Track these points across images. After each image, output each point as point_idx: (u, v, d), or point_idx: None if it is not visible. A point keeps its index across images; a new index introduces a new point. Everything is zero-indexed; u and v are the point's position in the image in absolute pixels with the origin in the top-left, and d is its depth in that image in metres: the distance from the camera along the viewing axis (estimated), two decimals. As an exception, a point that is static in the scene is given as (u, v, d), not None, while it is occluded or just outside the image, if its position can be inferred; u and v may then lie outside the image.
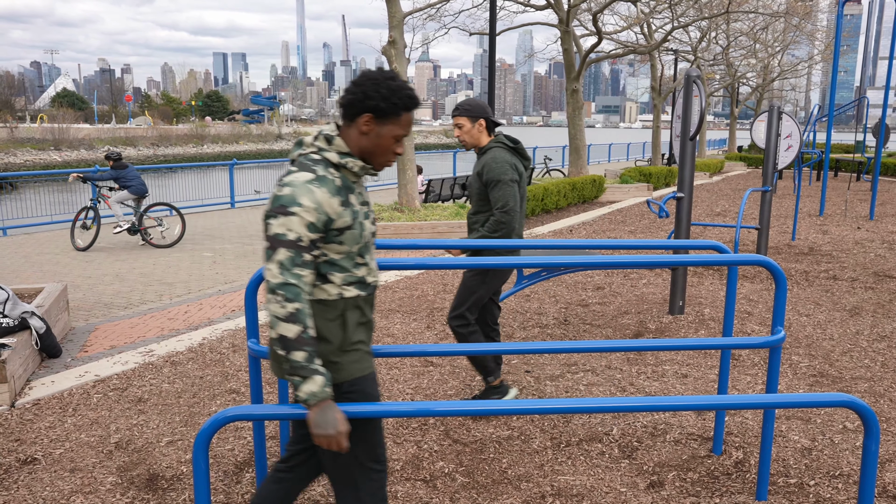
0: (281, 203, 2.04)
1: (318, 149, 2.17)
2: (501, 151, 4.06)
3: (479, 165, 4.07)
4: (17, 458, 3.75)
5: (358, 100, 2.11)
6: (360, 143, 2.17)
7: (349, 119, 2.16)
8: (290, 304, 2.01)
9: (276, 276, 2.02)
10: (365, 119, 2.13)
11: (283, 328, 2.00)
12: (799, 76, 40.11)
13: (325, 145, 2.17)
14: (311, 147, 2.18)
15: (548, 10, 17.95)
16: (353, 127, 2.16)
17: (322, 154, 2.16)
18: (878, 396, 4.66)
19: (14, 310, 5.07)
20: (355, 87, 2.12)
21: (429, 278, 8.15)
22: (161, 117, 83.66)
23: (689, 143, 6.37)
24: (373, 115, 2.13)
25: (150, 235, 10.74)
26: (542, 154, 25.66)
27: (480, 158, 4.12)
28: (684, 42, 27.72)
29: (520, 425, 4.17)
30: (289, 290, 2.01)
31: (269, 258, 2.04)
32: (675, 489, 3.45)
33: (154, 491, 3.42)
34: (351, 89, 2.13)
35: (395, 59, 12.01)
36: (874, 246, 10.49)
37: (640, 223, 12.90)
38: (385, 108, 2.11)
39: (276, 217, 2.04)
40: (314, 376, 2.02)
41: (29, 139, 44.28)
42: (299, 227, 2.03)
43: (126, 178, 10.67)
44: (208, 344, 5.68)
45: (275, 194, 2.08)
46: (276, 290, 2.01)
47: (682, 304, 6.59)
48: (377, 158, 2.21)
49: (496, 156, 4.02)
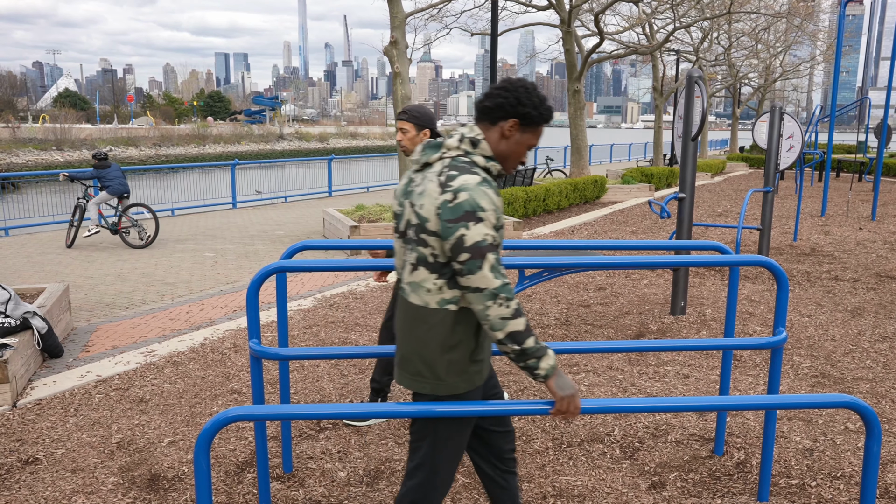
0: (465, 210, 2.05)
1: (466, 152, 2.20)
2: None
3: None
4: (18, 458, 3.75)
5: (509, 104, 2.16)
6: (498, 146, 2.22)
7: (492, 122, 2.20)
8: (511, 302, 2.08)
9: (493, 282, 2.06)
10: (511, 124, 2.18)
11: (513, 325, 2.08)
12: (801, 76, 40.09)
13: (471, 148, 2.20)
14: (456, 150, 2.20)
15: (549, 10, 17.96)
16: (495, 130, 2.21)
17: (469, 157, 2.20)
18: (880, 397, 4.66)
19: (16, 310, 5.07)
20: (506, 93, 2.17)
21: (430, 279, 8.14)
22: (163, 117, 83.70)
23: (691, 143, 6.36)
24: (519, 122, 2.19)
25: (128, 234, 10.76)
26: (544, 154, 25.66)
27: None
28: (686, 42, 27.72)
29: (521, 426, 4.17)
30: (506, 290, 2.08)
31: (477, 268, 2.05)
32: (677, 490, 3.45)
33: (155, 491, 3.43)
34: (500, 94, 2.18)
35: (397, 60, 12.01)
36: (876, 247, 10.48)
37: (642, 224, 12.90)
38: (534, 116, 2.18)
39: (467, 226, 2.05)
40: (546, 353, 2.14)
41: (31, 139, 44.32)
42: (490, 230, 2.08)
43: (105, 178, 10.60)
44: (210, 344, 5.69)
45: (449, 204, 2.07)
46: (498, 293, 2.07)
47: (684, 305, 6.58)
48: (509, 163, 2.26)
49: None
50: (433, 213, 2.10)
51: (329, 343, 5.72)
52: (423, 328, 2.19)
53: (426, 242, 2.14)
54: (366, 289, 7.61)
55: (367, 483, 3.51)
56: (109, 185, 10.61)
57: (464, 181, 2.07)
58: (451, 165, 2.14)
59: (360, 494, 3.40)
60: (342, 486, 3.48)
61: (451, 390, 2.23)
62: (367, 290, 7.56)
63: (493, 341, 2.15)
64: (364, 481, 3.53)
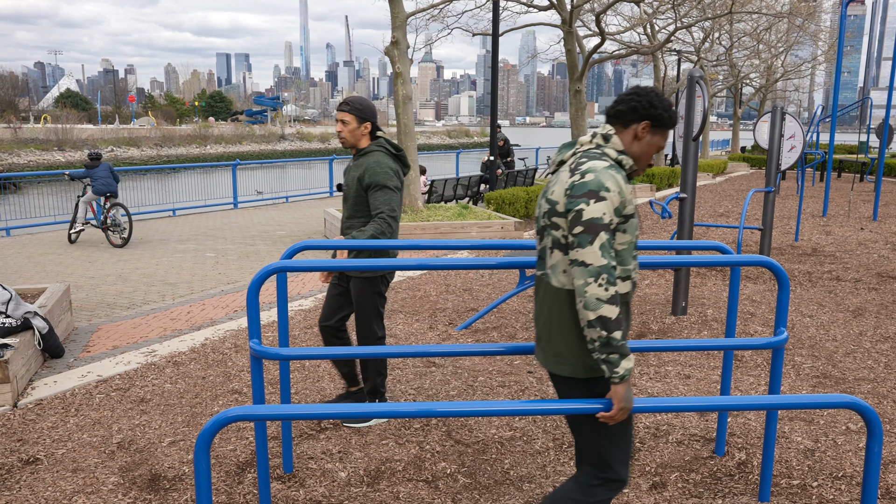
0: (589, 188, 2.15)
1: (598, 145, 2.33)
2: (385, 157, 3.91)
3: (360, 169, 3.89)
4: (19, 458, 3.75)
5: (643, 107, 2.30)
6: (631, 147, 2.35)
7: (624, 124, 2.33)
8: (611, 286, 2.11)
9: (599, 259, 2.11)
10: (643, 126, 2.31)
11: (606, 310, 2.10)
12: (802, 77, 40.04)
13: (603, 142, 2.33)
14: (590, 144, 2.34)
15: (551, 10, 17.95)
16: (628, 132, 2.34)
17: (601, 149, 2.32)
18: (882, 398, 4.65)
19: (17, 310, 5.07)
20: (638, 97, 2.31)
21: (431, 279, 8.15)
22: (164, 118, 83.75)
23: (692, 143, 6.36)
24: (651, 124, 2.32)
25: (111, 233, 10.88)
26: (546, 155, 25.64)
27: (359, 161, 3.94)
28: (687, 43, 27.70)
29: (522, 426, 4.17)
30: (611, 272, 2.11)
31: (587, 242, 2.11)
32: (678, 490, 3.44)
33: (156, 491, 3.43)
34: (633, 98, 2.31)
35: (399, 60, 12.01)
36: (878, 247, 10.47)
37: (643, 224, 12.89)
38: (665, 118, 2.32)
39: (587, 202, 2.13)
40: (629, 355, 2.16)
41: (32, 140, 44.32)
42: (610, 211, 2.14)
43: (93, 178, 10.87)
44: (211, 344, 5.69)
45: (576, 182, 2.19)
46: (601, 272, 2.10)
47: (685, 305, 6.58)
48: (640, 163, 2.38)
49: (380, 160, 3.86)
50: (562, 194, 2.23)
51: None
52: (564, 309, 2.27)
53: (557, 225, 2.26)
54: (367, 289, 7.60)
55: (368, 483, 3.51)
56: (94, 185, 10.87)
57: (592, 165, 2.21)
58: (582, 156, 2.30)
59: (360, 495, 3.40)
60: (343, 486, 3.48)
61: (591, 373, 2.29)
62: (368, 290, 7.56)
63: (583, 322, 2.15)
64: (365, 481, 3.53)
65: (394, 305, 6.91)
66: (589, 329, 2.12)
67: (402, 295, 7.34)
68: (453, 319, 6.42)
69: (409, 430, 4.12)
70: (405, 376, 4.99)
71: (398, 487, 3.46)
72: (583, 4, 17.00)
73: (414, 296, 7.30)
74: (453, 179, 14.97)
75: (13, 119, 64.17)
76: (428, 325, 6.24)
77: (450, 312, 6.66)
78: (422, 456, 3.79)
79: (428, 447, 3.89)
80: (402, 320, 6.39)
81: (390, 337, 5.89)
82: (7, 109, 73.85)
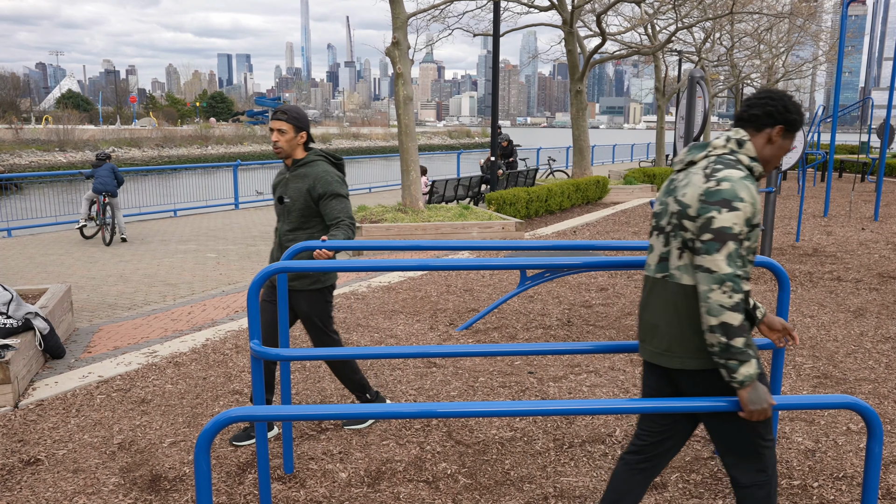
0: (723, 197, 2.20)
1: (732, 150, 2.36)
2: (329, 166, 3.87)
3: (308, 180, 3.79)
4: (20, 458, 3.76)
5: (778, 112, 2.33)
6: (763, 151, 2.38)
7: (757, 128, 2.37)
8: (735, 294, 2.17)
9: (724, 268, 2.17)
10: (778, 130, 2.35)
11: (729, 317, 2.16)
12: (803, 77, 40.00)
13: (737, 148, 2.36)
14: (724, 149, 2.36)
15: (552, 11, 17.96)
16: (761, 136, 2.37)
17: (735, 155, 2.35)
18: (882, 398, 4.65)
19: (18, 311, 5.08)
20: (773, 101, 2.34)
21: (432, 279, 8.15)
22: (165, 118, 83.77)
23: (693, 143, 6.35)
24: (784, 128, 2.35)
25: (105, 230, 11.15)
26: (546, 155, 25.62)
27: (300, 171, 3.84)
28: (688, 43, 27.69)
29: (523, 426, 4.17)
30: (736, 281, 2.17)
31: (714, 250, 2.18)
32: (679, 491, 3.44)
33: (157, 492, 3.43)
34: (768, 102, 2.34)
35: (399, 61, 12.02)
36: (878, 247, 10.46)
37: (644, 224, 12.89)
38: (798, 123, 2.37)
39: (720, 211, 2.19)
40: (751, 360, 2.20)
41: (34, 140, 44.34)
42: (741, 222, 2.19)
43: (94, 177, 11.41)
44: (211, 345, 5.69)
45: (711, 189, 2.23)
46: (725, 280, 2.17)
47: (686, 306, 6.57)
48: (769, 166, 2.41)
49: (328, 169, 3.82)
50: (695, 199, 2.26)
51: (331, 344, 5.71)
52: (696, 306, 2.32)
53: (686, 227, 2.30)
54: (367, 289, 7.61)
55: (369, 484, 3.51)
56: (94, 184, 11.38)
57: (728, 173, 2.24)
58: (717, 161, 2.32)
59: (361, 495, 3.40)
60: (343, 486, 3.48)
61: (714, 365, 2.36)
62: (368, 290, 7.57)
63: (704, 326, 2.22)
64: (365, 482, 3.53)
65: (395, 306, 6.91)
66: (710, 334, 2.20)
67: (402, 295, 7.34)
68: (454, 320, 6.42)
69: (409, 430, 4.12)
70: (406, 377, 4.99)
71: (399, 488, 3.47)
72: (583, 5, 17.01)
73: (415, 296, 7.30)
74: (454, 180, 14.98)
75: (15, 120, 64.23)
76: (429, 326, 6.24)
77: (450, 313, 6.66)
78: (422, 456, 3.79)
79: (428, 448, 3.89)
80: (402, 321, 6.39)
81: (390, 337, 5.89)
82: (8, 110, 73.92)
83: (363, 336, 5.92)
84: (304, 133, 3.85)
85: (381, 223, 10.92)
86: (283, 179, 3.94)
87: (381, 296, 7.33)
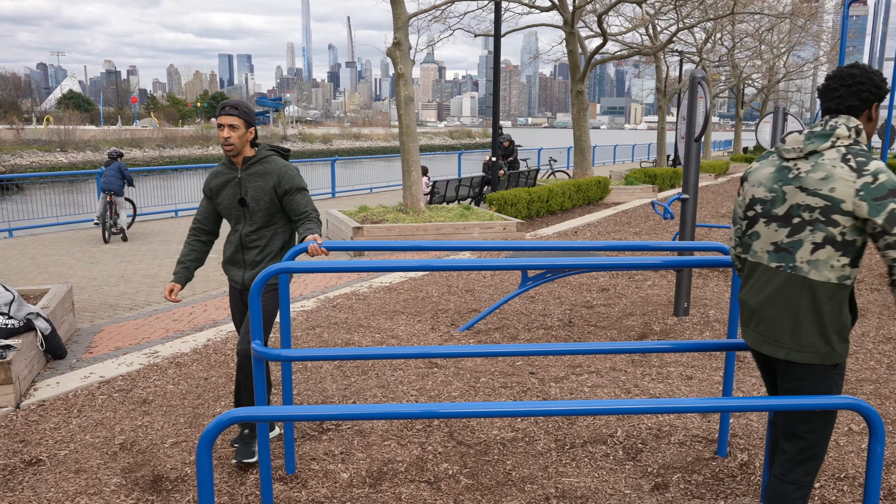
0: (889, 188, 2.29)
1: (855, 140, 2.42)
2: (283, 160, 3.78)
3: (271, 177, 3.68)
4: (21, 459, 3.76)
5: (872, 93, 2.41)
6: (867, 129, 2.49)
7: (859, 111, 2.44)
8: None
9: None
10: (875, 107, 2.45)
11: None
12: (804, 77, 40.02)
13: (857, 137, 2.43)
14: (849, 139, 2.41)
15: (553, 11, 17.96)
16: (863, 116, 2.46)
17: (859, 144, 2.43)
18: (884, 398, 4.64)
19: (19, 311, 5.08)
20: (863, 85, 2.40)
21: (433, 280, 8.15)
22: (166, 119, 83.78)
23: (694, 144, 6.35)
24: (877, 104, 2.46)
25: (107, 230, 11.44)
26: (547, 155, 25.62)
27: (255, 169, 3.70)
28: (689, 43, 27.69)
29: (524, 427, 4.17)
30: None
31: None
32: (680, 491, 3.44)
33: (158, 492, 3.43)
34: (860, 88, 2.40)
35: (400, 61, 12.02)
36: (880, 247, 10.45)
37: (645, 225, 12.88)
38: (884, 94, 2.45)
39: (895, 201, 2.28)
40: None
41: (35, 141, 44.37)
42: None
43: (102, 176, 11.73)
44: (213, 345, 5.69)
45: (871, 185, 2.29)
46: None
47: (687, 306, 6.57)
48: (869, 139, 2.53)
49: (286, 164, 3.74)
50: (851, 195, 2.31)
51: (332, 344, 5.72)
52: (823, 302, 2.38)
53: (837, 223, 2.34)
54: (369, 290, 7.61)
55: (370, 484, 3.51)
56: (100, 182, 11.74)
57: (877, 165, 2.32)
58: (854, 152, 2.37)
59: (362, 496, 3.40)
60: (345, 487, 3.49)
61: (838, 359, 2.44)
62: (369, 290, 7.57)
63: None
64: (367, 482, 3.53)
65: (396, 306, 6.92)
66: None
67: (404, 296, 7.34)
68: (455, 320, 6.42)
69: (411, 431, 4.12)
70: (407, 377, 4.99)
71: (400, 488, 3.47)
72: (585, 5, 17.01)
73: (416, 297, 7.30)
74: (455, 180, 14.98)
75: (16, 120, 64.27)
76: (430, 326, 6.24)
77: (452, 313, 6.66)
78: (424, 457, 3.79)
79: (430, 448, 3.89)
80: (404, 321, 6.39)
81: (392, 338, 5.89)
82: (10, 111, 73.96)
83: (364, 336, 5.92)
84: (253, 129, 3.69)
85: (382, 223, 10.92)
86: (231, 179, 3.75)
87: (383, 296, 7.33)
